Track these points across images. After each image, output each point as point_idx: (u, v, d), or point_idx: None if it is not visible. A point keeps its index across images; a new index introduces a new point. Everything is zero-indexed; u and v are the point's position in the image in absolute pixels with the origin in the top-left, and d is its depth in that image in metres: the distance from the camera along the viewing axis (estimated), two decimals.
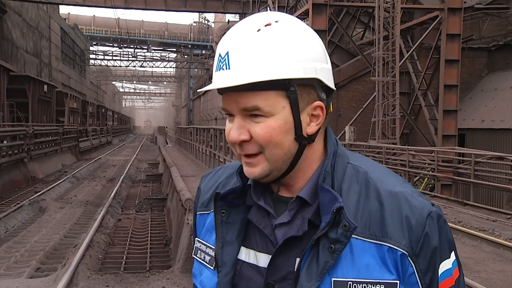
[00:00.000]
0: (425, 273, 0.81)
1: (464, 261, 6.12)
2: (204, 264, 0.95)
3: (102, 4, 28.16)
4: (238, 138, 0.84)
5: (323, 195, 0.84)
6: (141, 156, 31.06)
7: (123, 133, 69.97)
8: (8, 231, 9.69)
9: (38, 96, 23.04)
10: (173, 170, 13.58)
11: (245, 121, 0.83)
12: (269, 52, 0.81)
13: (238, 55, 0.81)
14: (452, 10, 16.85)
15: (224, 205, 0.91)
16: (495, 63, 21.01)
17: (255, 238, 0.90)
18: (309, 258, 0.82)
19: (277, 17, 0.84)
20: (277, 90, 0.82)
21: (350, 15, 23.44)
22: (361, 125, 18.64)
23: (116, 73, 79.76)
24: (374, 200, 0.83)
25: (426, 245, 0.81)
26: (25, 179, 16.84)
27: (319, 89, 0.86)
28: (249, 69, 0.80)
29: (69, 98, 29.94)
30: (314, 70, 0.84)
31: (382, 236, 0.81)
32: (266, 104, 0.81)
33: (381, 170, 0.89)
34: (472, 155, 12.13)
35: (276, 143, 0.83)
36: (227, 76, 0.82)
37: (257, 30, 0.82)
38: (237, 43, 0.82)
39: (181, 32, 63.01)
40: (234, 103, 0.83)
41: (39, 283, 6.36)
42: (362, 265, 0.80)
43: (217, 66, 0.84)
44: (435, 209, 0.83)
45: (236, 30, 0.84)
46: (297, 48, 0.82)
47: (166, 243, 9.24)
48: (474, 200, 11.03)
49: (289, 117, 0.83)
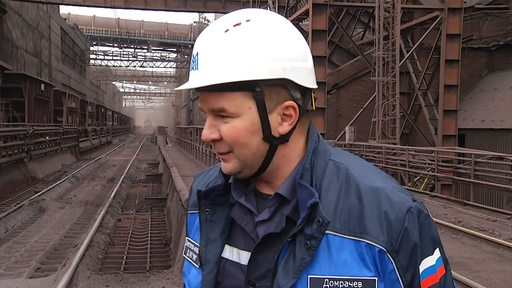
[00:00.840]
0: (406, 269, 0.79)
1: (464, 261, 6.12)
2: (191, 263, 0.95)
3: (102, 4, 28.15)
4: (209, 137, 0.85)
5: (300, 191, 0.83)
6: (141, 156, 31.06)
7: (123, 133, 69.95)
8: (8, 231, 9.69)
9: (34, 95, 22.43)
10: (173, 170, 13.58)
11: (216, 121, 0.85)
12: (234, 53, 0.80)
13: (205, 56, 0.82)
14: (452, 10, 16.86)
15: (208, 203, 0.91)
16: (495, 63, 21.01)
17: (238, 236, 0.90)
18: (286, 255, 0.82)
19: (250, 15, 0.83)
20: (243, 91, 0.81)
21: (350, 15, 23.44)
22: (361, 125, 18.64)
23: (116, 73, 79.73)
24: (354, 196, 0.82)
25: (406, 241, 0.79)
26: (25, 179, 16.85)
27: (292, 88, 0.84)
28: (214, 70, 0.81)
29: (67, 98, 29.52)
30: (283, 70, 0.82)
31: (361, 232, 0.80)
32: (231, 105, 0.81)
33: (363, 166, 0.88)
34: (472, 155, 12.14)
35: (243, 143, 0.83)
36: (196, 77, 0.83)
37: (225, 30, 0.81)
38: (205, 44, 0.83)
39: (181, 32, 62.99)
40: (205, 103, 0.85)
41: (39, 283, 6.36)
42: (340, 262, 0.79)
43: (191, 66, 0.86)
44: (415, 205, 0.81)
45: (207, 30, 0.85)
46: (263, 48, 0.81)
47: (166, 243, 9.25)
48: (474, 200, 11.03)
49: (256, 118, 0.82)
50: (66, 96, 29.47)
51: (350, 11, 22.83)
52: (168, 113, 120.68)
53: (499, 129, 17.63)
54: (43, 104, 24.57)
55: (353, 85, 21.25)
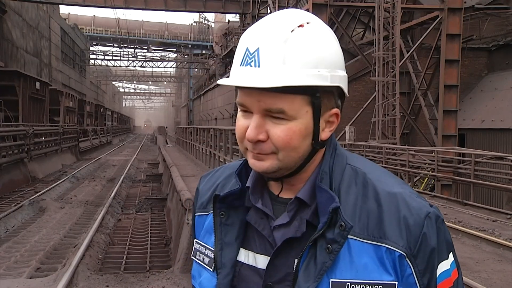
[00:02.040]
0: (423, 274, 0.81)
1: (464, 261, 6.12)
2: (203, 266, 0.94)
3: (102, 4, 28.18)
4: (255, 138, 0.82)
5: (320, 195, 0.84)
6: (141, 156, 31.06)
7: (123, 133, 69.96)
8: (8, 231, 9.69)
9: (29, 94, 21.33)
10: (173, 170, 13.59)
11: (264, 121, 0.82)
12: (302, 56, 0.79)
13: (270, 54, 0.79)
14: (452, 10, 16.84)
15: (223, 206, 0.91)
16: (495, 63, 21.00)
17: (254, 239, 0.90)
18: (307, 259, 0.82)
19: (307, 17, 0.83)
20: (303, 95, 0.81)
21: (350, 15, 23.44)
22: (361, 125, 18.64)
23: (116, 73, 79.72)
24: (372, 201, 0.83)
25: (424, 246, 0.80)
26: (25, 179, 16.84)
27: (337, 96, 0.86)
28: (281, 72, 0.79)
29: (64, 97, 28.43)
30: (338, 78, 0.84)
31: (380, 237, 0.81)
32: (291, 108, 0.81)
33: (379, 171, 0.89)
34: (472, 155, 12.13)
35: (294, 147, 0.82)
36: (257, 75, 0.79)
37: (291, 30, 0.80)
38: (270, 41, 0.79)
39: (181, 32, 63.03)
40: (256, 101, 0.81)
41: (39, 283, 6.36)
42: (360, 266, 0.80)
43: (243, 60, 0.82)
44: (433, 210, 0.83)
45: (268, 26, 0.81)
46: (327, 54, 0.82)
47: (166, 243, 9.24)
48: (474, 200, 11.02)
49: (310, 122, 0.83)
50: (63, 95, 28.47)
51: (350, 11, 22.82)
52: (168, 113, 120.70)
53: (499, 129, 17.62)
54: (39, 103, 23.51)
55: (353, 85, 21.23)
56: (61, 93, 28.24)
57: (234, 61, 0.85)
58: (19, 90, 20.31)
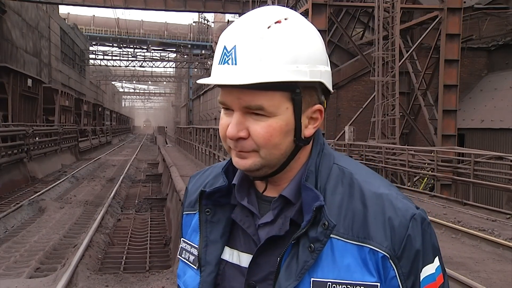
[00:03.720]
0: (407, 276, 0.79)
1: (464, 261, 6.12)
2: (188, 264, 0.94)
3: (101, 4, 28.15)
4: (236, 135, 0.81)
5: (305, 193, 0.83)
6: (141, 156, 31.05)
7: (122, 133, 69.93)
8: (7, 231, 9.68)
9: (20, 92, 20.05)
10: (172, 170, 13.59)
11: (245, 118, 0.81)
12: (279, 52, 0.78)
13: (246, 51, 0.79)
14: (451, 10, 16.85)
15: (209, 204, 0.90)
16: (495, 63, 21.01)
17: (239, 238, 0.89)
18: (289, 257, 0.81)
19: (286, 13, 0.82)
20: (283, 91, 0.80)
21: (350, 15, 23.43)
22: (361, 125, 18.65)
23: (115, 73, 79.68)
24: (358, 201, 0.82)
25: (409, 248, 0.79)
26: (24, 179, 16.83)
27: (320, 91, 0.85)
28: (258, 68, 0.78)
29: (59, 95, 27.20)
30: (319, 73, 0.82)
31: (364, 237, 0.80)
32: (270, 104, 0.80)
33: (367, 172, 0.89)
34: (471, 155, 12.13)
35: (275, 144, 0.81)
36: (234, 72, 0.79)
37: (267, 26, 0.79)
38: (246, 38, 0.79)
39: (180, 32, 62.96)
40: (236, 99, 0.81)
41: (39, 283, 6.35)
42: (343, 266, 0.79)
43: (222, 59, 0.81)
44: (419, 212, 0.82)
45: (245, 23, 0.81)
46: (306, 49, 0.81)
47: (166, 243, 9.24)
48: (473, 200, 11.04)
49: (291, 118, 0.82)
50: (59, 93, 27.14)
51: (349, 11, 22.81)
52: (168, 113, 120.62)
53: (498, 129, 17.63)
54: (31, 101, 22.22)
55: (353, 85, 21.24)
56: (56, 91, 27.09)
57: (214, 60, 0.85)
58: (8, 88, 18.98)
